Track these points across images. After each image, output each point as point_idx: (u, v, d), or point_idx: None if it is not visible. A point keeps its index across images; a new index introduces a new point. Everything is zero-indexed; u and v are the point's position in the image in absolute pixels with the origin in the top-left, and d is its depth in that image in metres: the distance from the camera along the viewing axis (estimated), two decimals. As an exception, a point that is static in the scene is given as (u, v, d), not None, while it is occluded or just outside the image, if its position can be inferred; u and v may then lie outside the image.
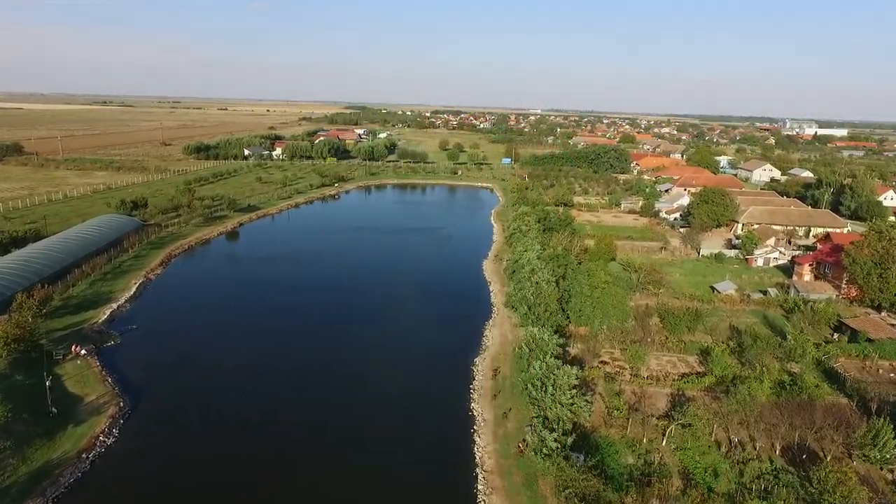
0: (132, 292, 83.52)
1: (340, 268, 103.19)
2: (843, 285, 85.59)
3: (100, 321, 72.59)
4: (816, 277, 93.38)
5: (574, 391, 49.48)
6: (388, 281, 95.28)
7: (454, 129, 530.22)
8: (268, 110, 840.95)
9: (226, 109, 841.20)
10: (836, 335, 72.47)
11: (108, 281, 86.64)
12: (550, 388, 49.13)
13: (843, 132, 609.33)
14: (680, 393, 58.21)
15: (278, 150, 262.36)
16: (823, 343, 68.01)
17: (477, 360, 66.75)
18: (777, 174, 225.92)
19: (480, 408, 56.05)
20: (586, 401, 48.62)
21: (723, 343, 68.65)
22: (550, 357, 53.43)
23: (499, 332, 73.69)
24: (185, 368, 62.78)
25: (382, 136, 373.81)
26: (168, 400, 56.38)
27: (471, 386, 60.65)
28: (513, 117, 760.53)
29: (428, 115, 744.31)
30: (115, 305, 77.77)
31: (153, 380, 59.97)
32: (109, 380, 58.20)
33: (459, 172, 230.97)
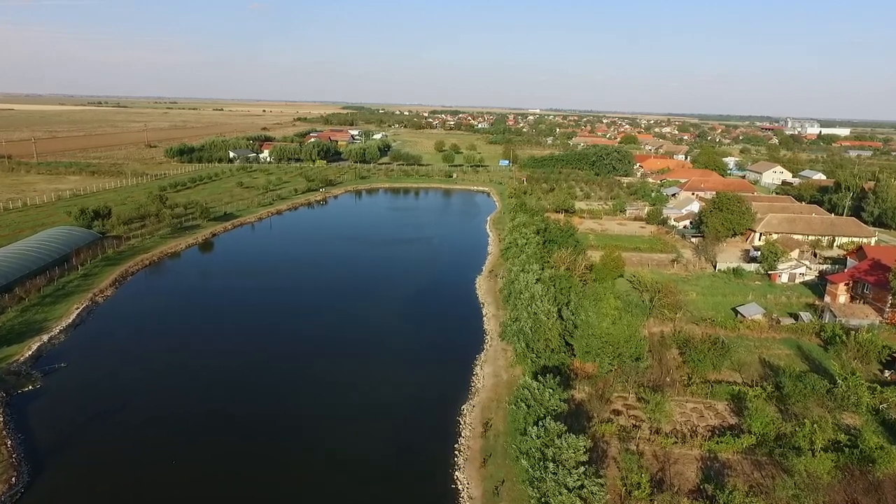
0: (71, 320, 72.50)
1: (316, 288, 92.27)
2: (888, 309, 74.83)
3: (21, 359, 61.54)
4: (852, 298, 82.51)
5: (583, 468, 38.60)
6: (368, 303, 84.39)
7: (451, 129, 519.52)
8: (264, 111, 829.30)
9: (221, 110, 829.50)
10: (887, 373, 61.69)
11: (46, 306, 75.65)
12: (552, 466, 38.23)
13: (846, 132, 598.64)
14: (712, 456, 47.38)
15: (265, 153, 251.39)
16: (878, 386, 56.97)
17: (464, 407, 55.86)
18: (788, 176, 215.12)
19: (467, 479, 45.15)
20: (599, 483, 37.71)
21: (756, 385, 57.86)
22: (550, 420, 42.48)
23: (491, 371, 62.80)
24: (114, 421, 51.76)
25: (377, 136, 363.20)
26: (83, 468, 45.42)
27: (456, 445, 49.86)
28: (511, 117, 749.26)
29: (425, 115, 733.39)
30: (45, 338, 66.72)
31: (70, 439, 49.03)
32: (10, 441, 47.19)
33: (455, 175, 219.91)
